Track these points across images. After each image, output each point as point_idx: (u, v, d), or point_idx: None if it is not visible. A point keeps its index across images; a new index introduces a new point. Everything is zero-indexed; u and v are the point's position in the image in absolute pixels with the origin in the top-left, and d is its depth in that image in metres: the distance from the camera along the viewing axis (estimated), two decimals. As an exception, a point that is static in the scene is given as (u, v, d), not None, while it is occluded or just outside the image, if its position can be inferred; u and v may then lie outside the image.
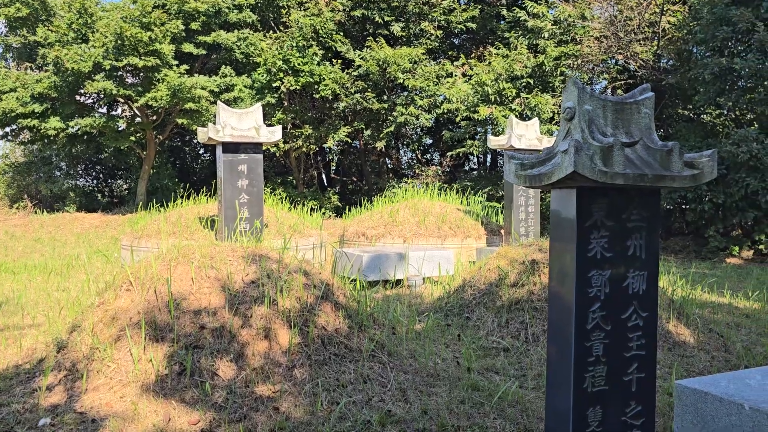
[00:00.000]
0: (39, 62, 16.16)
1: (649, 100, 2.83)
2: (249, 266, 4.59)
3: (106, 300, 4.47)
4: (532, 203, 9.53)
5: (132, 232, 8.84)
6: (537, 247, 6.35)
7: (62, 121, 14.88)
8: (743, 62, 12.06)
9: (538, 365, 4.79)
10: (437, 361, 4.73)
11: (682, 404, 3.36)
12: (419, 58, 15.44)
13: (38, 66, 17.15)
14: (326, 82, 14.95)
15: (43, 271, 8.61)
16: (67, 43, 14.25)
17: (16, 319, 5.97)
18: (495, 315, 5.72)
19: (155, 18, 13.52)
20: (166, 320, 4.08)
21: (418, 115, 15.41)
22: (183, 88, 13.82)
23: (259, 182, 7.36)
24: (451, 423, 3.63)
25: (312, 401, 3.76)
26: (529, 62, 14.28)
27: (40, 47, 15.37)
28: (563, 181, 2.54)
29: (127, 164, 19.51)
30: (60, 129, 14.90)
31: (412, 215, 10.17)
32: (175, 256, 4.68)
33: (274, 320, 4.20)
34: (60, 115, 14.91)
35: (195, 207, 9.12)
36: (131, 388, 3.73)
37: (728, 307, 7.21)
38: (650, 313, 2.76)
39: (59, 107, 15.02)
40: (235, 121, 7.13)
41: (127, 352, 3.97)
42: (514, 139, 9.14)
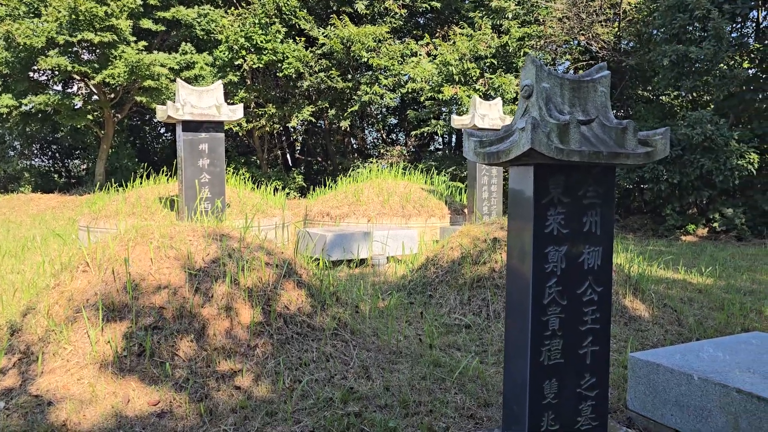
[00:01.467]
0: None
1: (605, 79, 2.86)
2: (210, 246, 4.53)
3: (62, 282, 4.37)
4: (495, 182, 9.62)
5: (90, 213, 8.63)
6: (499, 225, 6.42)
7: (15, 98, 14.36)
8: (699, 50, 12.30)
9: (499, 341, 4.87)
10: (400, 339, 4.77)
11: (636, 376, 3.47)
12: (384, 37, 15.32)
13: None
14: (290, 60, 14.73)
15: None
16: (19, 17, 13.71)
17: (-32, 302, 5.79)
18: (457, 293, 5.78)
19: (111, -9, 13.11)
20: (125, 301, 4.02)
21: (383, 94, 15.33)
22: (141, 65, 13.46)
23: (220, 161, 7.25)
24: (413, 399, 3.67)
25: (274, 379, 3.76)
26: (493, 42, 14.31)
27: (-11, 22, 14.77)
28: (521, 159, 2.56)
29: (84, 144, 18.98)
30: (13, 107, 14.38)
31: (377, 195, 10.17)
32: (134, 236, 4.60)
33: (235, 299, 4.17)
34: (12, 92, 14.39)
35: (155, 187, 8.95)
36: (89, 370, 3.67)
37: (682, 283, 7.43)
38: (605, 288, 2.82)
39: (11, 84, 14.48)
40: (195, 99, 6.98)
41: (84, 334, 3.90)
42: (477, 118, 9.18)
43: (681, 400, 3.17)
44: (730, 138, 12.38)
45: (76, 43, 13.40)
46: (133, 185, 9.45)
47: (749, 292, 6.94)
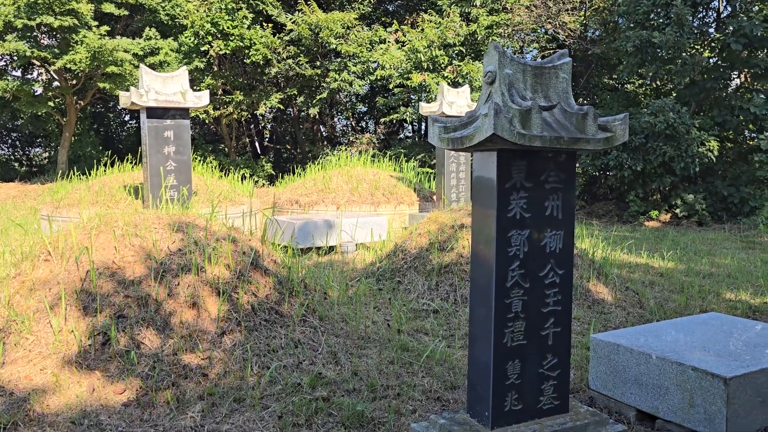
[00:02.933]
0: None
1: (566, 65, 2.91)
2: (175, 234, 4.49)
3: (22, 271, 4.29)
4: (463, 169, 9.69)
5: (52, 202, 8.46)
6: (466, 212, 6.48)
7: (-31, 84, 13.93)
8: (662, 36, 12.52)
9: (466, 325, 4.94)
10: (368, 324, 4.81)
11: (597, 356, 3.56)
12: (352, 24, 15.24)
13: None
14: (257, 46, 14.56)
15: (-44, 244, 8.14)
16: (-27, 0, 13.29)
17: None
18: (425, 278, 5.83)
19: (70, -26, 12.74)
20: (88, 290, 3.97)
21: (352, 81, 15.28)
22: (104, 50, 13.15)
23: (186, 149, 7.16)
24: (381, 383, 3.71)
25: (242, 366, 3.76)
26: (462, 30, 14.35)
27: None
28: (484, 144, 2.60)
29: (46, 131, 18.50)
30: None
31: (346, 182, 10.17)
32: (97, 225, 4.53)
33: (201, 288, 4.15)
34: (-32, 78, 13.96)
35: (120, 175, 8.80)
36: (52, 360, 3.62)
37: (645, 267, 7.61)
38: (566, 271, 2.89)
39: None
40: (160, 86, 6.87)
41: (47, 323, 3.84)
42: (445, 105, 9.23)
43: (640, 378, 3.26)
44: (691, 126, 12.66)
45: (34, 27, 13.02)
46: (96, 173, 9.28)
47: (708, 275, 7.14)
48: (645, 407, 3.23)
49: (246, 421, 3.20)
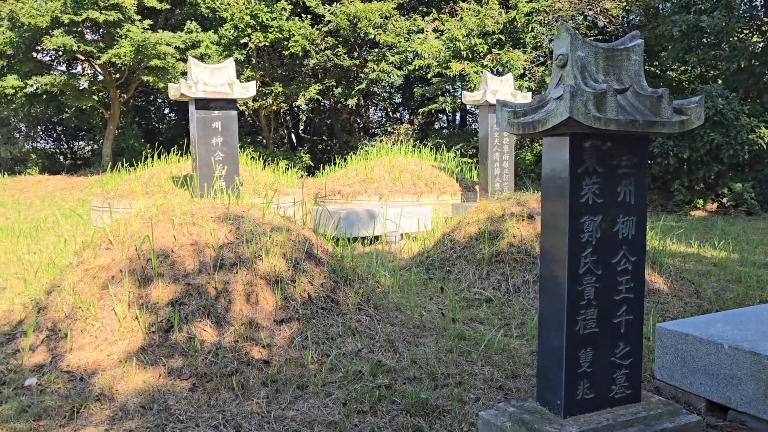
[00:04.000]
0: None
1: (638, 47, 2.83)
2: (231, 223, 4.53)
3: (85, 259, 4.38)
4: (506, 159, 9.58)
5: (103, 193, 8.63)
6: (515, 200, 6.41)
7: (20, 79, 14.27)
8: (710, 20, 12.16)
9: (521, 314, 4.89)
10: (422, 313, 4.79)
11: (663, 345, 3.48)
12: (390, 13, 15.16)
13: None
14: (296, 38, 14.59)
15: (11, 234, 8.39)
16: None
17: (-12, 282, 5.83)
18: (476, 268, 5.79)
19: (115, -30, 12.95)
20: (150, 279, 4.03)
21: (390, 71, 15.22)
22: (147, 44, 13.33)
23: (234, 139, 7.22)
24: (441, 371, 3.70)
25: (302, 354, 3.78)
26: (501, 18, 14.16)
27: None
28: (557, 128, 2.54)
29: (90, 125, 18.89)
30: (18, 88, 14.30)
31: (388, 172, 10.15)
32: (155, 214, 4.59)
33: (258, 277, 4.18)
34: (17, 73, 14.29)
35: (167, 166, 8.93)
36: (118, 346, 3.70)
37: (696, 257, 7.42)
38: (638, 258, 2.82)
39: (16, 65, 14.38)
40: (208, 77, 6.94)
41: (111, 310, 3.92)
42: (488, 94, 9.12)
43: (710, 368, 3.18)
44: (740, 112, 12.29)
45: (80, 22, 13.27)
46: (143, 165, 9.44)
47: (764, 265, 6.94)
48: (716, 398, 3.15)
49: (310, 407, 3.22)
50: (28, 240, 7.94)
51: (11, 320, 4.40)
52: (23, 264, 6.53)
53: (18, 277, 5.96)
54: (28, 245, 7.54)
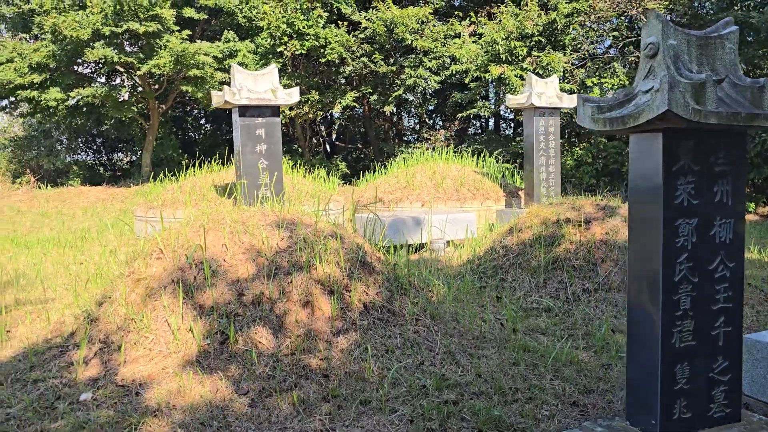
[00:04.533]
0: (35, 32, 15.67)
1: (733, 35, 2.61)
2: (283, 231, 4.40)
3: (136, 269, 4.29)
4: (552, 163, 9.31)
5: (146, 203, 8.62)
6: (569, 205, 6.16)
7: (62, 91, 14.49)
8: (760, 16, 11.71)
9: (584, 325, 4.65)
10: (480, 323, 4.58)
11: (753, 359, 3.22)
12: (427, 18, 15.00)
13: (34, 36, 16.66)
14: (332, 45, 14.53)
15: (57, 245, 8.43)
16: (64, 9, 13.79)
17: (36, 293, 5.81)
18: (531, 275, 5.56)
19: (155, -19, 13.07)
20: (203, 288, 3.91)
21: (427, 77, 15.04)
22: (187, 54, 13.41)
23: (277, 146, 7.12)
24: (508, 385, 3.49)
25: (362, 367, 3.60)
26: (540, 20, 13.88)
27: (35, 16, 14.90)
28: (652, 123, 2.34)
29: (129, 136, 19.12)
30: (60, 100, 14.52)
31: (429, 179, 9.96)
32: (205, 223, 4.49)
33: (314, 286, 4.03)
34: (60, 86, 14.52)
35: (209, 175, 8.90)
36: (172, 359, 3.57)
37: (758, 263, 7.06)
38: (737, 264, 2.59)
39: (58, 77, 14.61)
40: (251, 84, 6.86)
41: (164, 322, 3.81)
42: (534, 97, 8.88)
43: (812, 384, 2.91)
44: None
45: (120, 33, 13.42)
46: (185, 174, 9.43)
47: (835, 271, 6.55)
48: (820, 417, 2.88)
49: (375, 424, 3.04)
50: (74, 250, 7.96)
51: (63, 332, 4.33)
52: (71, 274, 6.51)
53: (66, 287, 5.93)
54: (75, 255, 7.54)
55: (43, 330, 4.57)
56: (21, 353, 4.12)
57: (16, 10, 15.95)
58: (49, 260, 7.34)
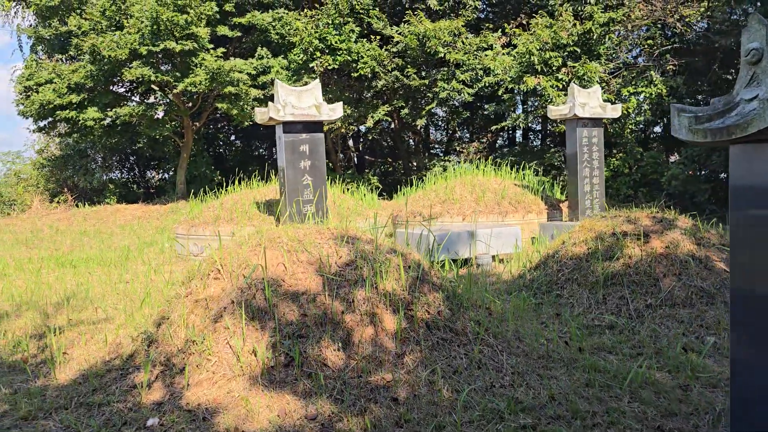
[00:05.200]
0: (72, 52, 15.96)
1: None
2: (341, 248, 4.31)
3: (193, 290, 4.23)
4: (596, 174, 9.12)
5: (187, 221, 8.63)
6: (624, 218, 5.98)
7: (100, 111, 14.71)
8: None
9: (652, 343, 4.46)
10: (543, 342, 4.43)
11: None
12: (460, 31, 14.93)
13: (70, 57, 16.97)
14: (365, 59, 14.52)
15: (101, 264, 8.46)
16: (102, 30, 14.01)
17: (87, 313, 5.79)
18: (589, 291, 5.39)
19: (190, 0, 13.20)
20: (264, 308, 3.83)
21: (461, 89, 14.95)
22: (222, 71, 13.53)
23: (321, 162, 7.07)
24: (584, 408, 3.34)
25: (430, 389, 3.48)
26: (575, 29, 13.72)
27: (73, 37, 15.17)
28: (763, 132, 2.20)
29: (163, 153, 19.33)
30: (98, 119, 14.74)
31: (469, 192, 9.83)
32: (261, 241, 4.42)
33: (377, 304, 3.93)
34: (97, 105, 14.74)
35: (248, 192, 8.88)
36: (237, 382, 3.49)
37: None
38: None
39: (96, 97, 14.83)
40: (295, 99, 6.82)
41: (225, 344, 3.73)
42: (577, 107, 8.72)
43: None
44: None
45: (157, 53, 13.58)
46: (224, 191, 9.43)
47: None
48: None
49: (454, 452, 2.91)
50: (119, 269, 7.97)
51: (120, 353, 4.28)
52: (118, 294, 6.50)
53: (116, 307, 5.91)
54: (120, 274, 7.55)
55: (99, 351, 4.53)
56: (80, 375, 4.08)
57: (53, 32, 16.28)
58: (95, 279, 7.36)
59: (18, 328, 5.33)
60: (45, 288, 6.80)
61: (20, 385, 3.99)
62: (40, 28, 16.91)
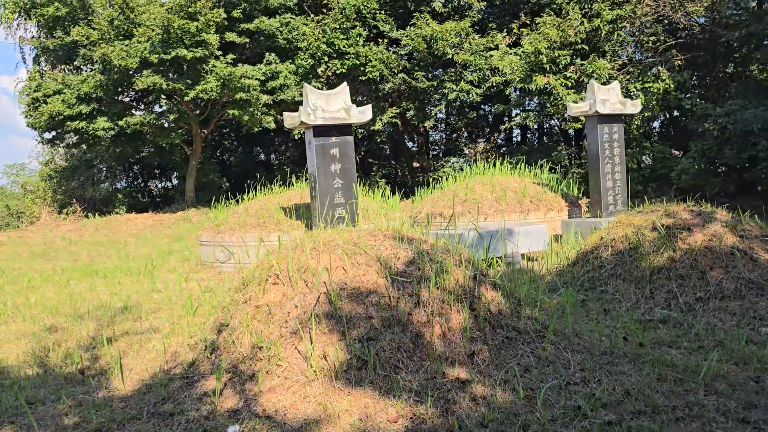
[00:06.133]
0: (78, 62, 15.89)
1: None
2: (398, 249, 4.29)
3: (251, 296, 4.20)
4: (618, 170, 9.14)
5: (213, 227, 8.58)
6: (662, 212, 6.00)
7: (109, 120, 14.63)
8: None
9: (710, 335, 4.46)
10: (600, 338, 4.42)
11: None
12: (467, 31, 14.95)
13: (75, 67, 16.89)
14: (373, 63, 14.52)
15: (128, 273, 8.41)
16: (110, 40, 13.95)
17: (127, 324, 5.75)
18: (635, 286, 5.39)
19: (201, 7, 13.15)
20: (330, 312, 3.81)
21: (469, 90, 14.96)
22: (233, 77, 13.49)
23: (351, 166, 7.05)
24: (663, 403, 3.33)
25: (506, 388, 3.47)
26: (582, 27, 13.76)
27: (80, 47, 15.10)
28: None
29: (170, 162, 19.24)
30: (108, 129, 14.66)
31: (490, 191, 9.83)
32: (315, 245, 4.40)
33: (442, 305, 3.92)
34: (107, 115, 14.67)
35: (272, 197, 8.84)
36: (312, 387, 3.47)
37: None
38: None
39: (105, 106, 14.77)
40: (324, 103, 6.81)
41: (293, 349, 3.71)
42: (598, 104, 8.73)
43: None
44: None
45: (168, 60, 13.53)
46: (248, 196, 9.40)
47: None
48: None
49: (547, 450, 2.90)
50: (148, 278, 7.92)
51: (179, 362, 4.25)
52: (154, 302, 6.46)
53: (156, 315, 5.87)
54: (151, 283, 7.51)
55: (155, 360, 4.50)
56: (143, 386, 4.04)
57: (58, 42, 16.20)
58: (126, 290, 7.31)
59: (64, 339, 5.29)
60: (79, 299, 6.75)
61: (83, 397, 3.95)
62: (44, 39, 16.82)
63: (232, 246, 8.05)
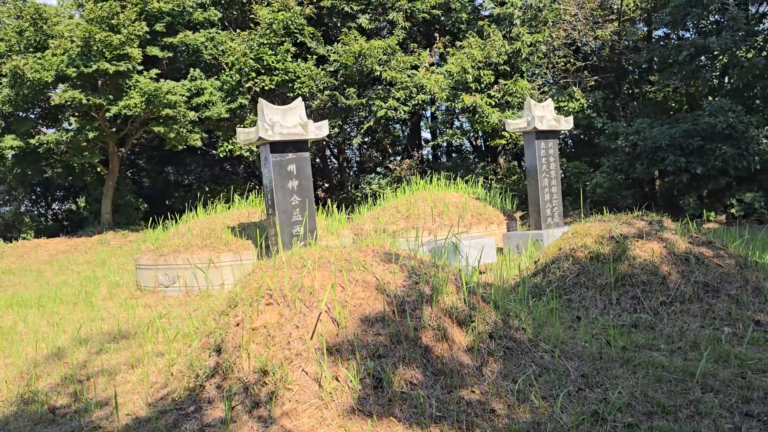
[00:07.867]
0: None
1: None
2: (389, 264, 4.26)
3: (243, 318, 4.02)
4: (554, 184, 9.53)
5: (153, 250, 8.12)
6: (623, 221, 6.29)
7: (17, 138, 13.56)
8: (719, 40, 12.54)
9: (683, 337, 4.71)
10: (583, 344, 4.57)
11: None
12: (394, 49, 15.17)
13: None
14: (302, 79, 14.40)
15: (59, 302, 7.79)
16: (20, 52, 12.99)
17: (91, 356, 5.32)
18: (600, 293, 5.61)
19: (124, 19, 12.50)
20: (334, 331, 3.71)
21: (397, 107, 15.16)
22: (159, 93, 12.91)
23: (308, 182, 6.92)
24: (669, 402, 3.48)
25: (520, 399, 3.50)
26: (504, 49, 14.33)
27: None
28: None
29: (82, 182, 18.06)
30: (18, 148, 13.57)
31: (431, 207, 9.95)
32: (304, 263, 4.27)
33: (444, 319, 3.91)
34: (15, 132, 13.59)
35: (216, 216, 8.51)
36: (329, 410, 3.35)
37: None
38: None
39: (13, 124, 13.69)
40: (280, 118, 6.66)
41: (301, 371, 3.57)
42: (536, 120, 9.09)
43: None
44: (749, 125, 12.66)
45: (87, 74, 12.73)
46: (188, 217, 8.98)
47: None
48: None
49: (580, 456, 2.94)
50: (85, 307, 7.38)
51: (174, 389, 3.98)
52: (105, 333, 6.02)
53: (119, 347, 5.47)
54: (91, 312, 6.99)
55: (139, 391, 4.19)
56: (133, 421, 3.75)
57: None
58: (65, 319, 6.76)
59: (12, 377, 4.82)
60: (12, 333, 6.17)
61: (65, 438, 3.61)
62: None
63: (178, 269, 7.67)
